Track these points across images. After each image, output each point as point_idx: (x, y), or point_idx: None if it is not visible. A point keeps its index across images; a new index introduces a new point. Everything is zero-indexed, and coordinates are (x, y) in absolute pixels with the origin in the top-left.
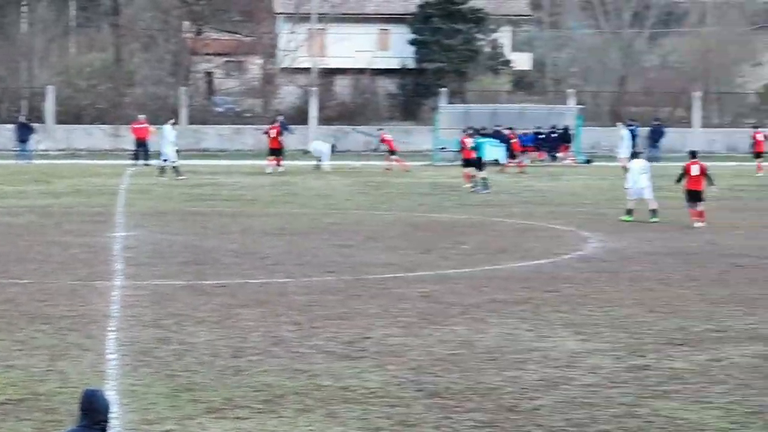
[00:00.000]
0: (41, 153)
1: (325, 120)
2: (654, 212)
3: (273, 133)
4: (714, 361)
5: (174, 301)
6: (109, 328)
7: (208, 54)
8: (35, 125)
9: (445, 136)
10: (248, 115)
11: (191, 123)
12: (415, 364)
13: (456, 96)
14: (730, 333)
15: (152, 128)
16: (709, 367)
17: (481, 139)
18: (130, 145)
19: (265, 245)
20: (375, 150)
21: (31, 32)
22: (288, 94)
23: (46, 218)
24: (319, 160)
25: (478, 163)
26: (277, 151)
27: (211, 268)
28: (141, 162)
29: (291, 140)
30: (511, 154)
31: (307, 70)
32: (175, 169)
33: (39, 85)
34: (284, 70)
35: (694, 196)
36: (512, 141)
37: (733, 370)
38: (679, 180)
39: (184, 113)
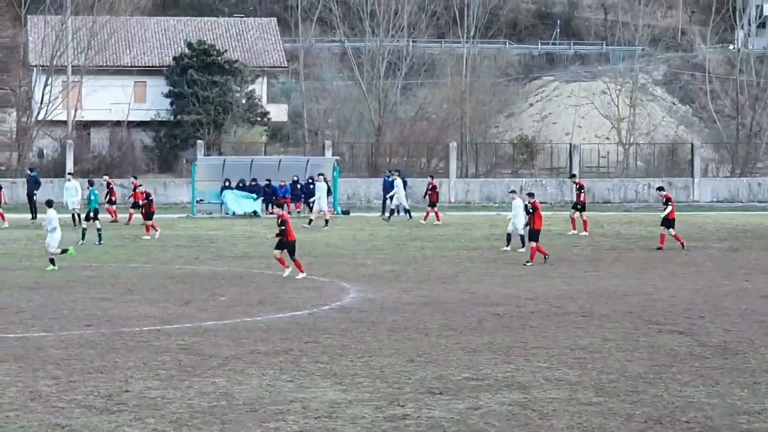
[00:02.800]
0: None
1: (81, 173)
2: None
3: None
4: (473, 409)
5: None
6: None
7: None
8: None
9: (202, 188)
10: (2, 168)
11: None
12: (175, 417)
13: (213, 148)
14: (488, 381)
15: None
16: (468, 415)
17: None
18: None
19: (21, 299)
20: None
21: None
22: (44, 146)
23: None
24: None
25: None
26: None
27: None
28: None
29: (50, 194)
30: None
31: (63, 122)
32: None
33: None
34: (39, 122)
35: None
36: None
37: (492, 418)
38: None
39: None
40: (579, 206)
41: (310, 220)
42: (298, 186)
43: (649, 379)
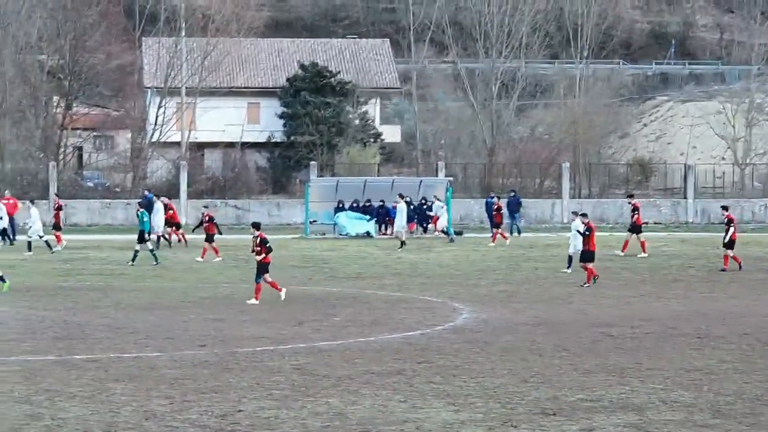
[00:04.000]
0: None
1: (195, 194)
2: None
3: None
4: (587, 430)
5: (45, 376)
6: None
7: (77, 129)
8: None
9: (315, 208)
10: (118, 189)
11: (60, 198)
12: None
13: (326, 169)
14: (603, 402)
15: (20, 204)
16: None
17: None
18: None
19: (136, 320)
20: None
21: None
22: (158, 168)
23: None
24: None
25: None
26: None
27: (82, 342)
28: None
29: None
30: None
31: (177, 143)
32: (47, 244)
33: None
34: (154, 144)
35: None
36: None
37: None
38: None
39: (53, 187)
40: (635, 228)
41: (402, 243)
42: (411, 207)
43: (766, 402)
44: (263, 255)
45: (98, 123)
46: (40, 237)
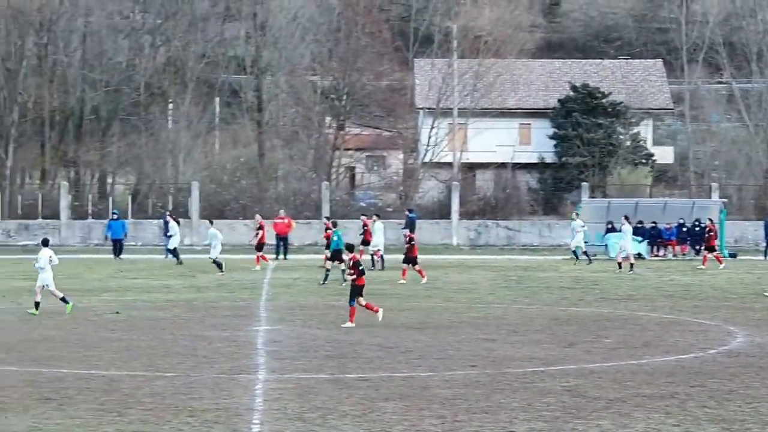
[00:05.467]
0: (186, 248)
1: (467, 214)
2: None
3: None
4: None
5: (317, 394)
6: (254, 422)
7: (349, 149)
8: (181, 220)
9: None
10: (390, 209)
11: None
12: None
13: (597, 190)
14: None
15: (294, 223)
16: None
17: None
18: (271, 239)
19: (407, 339)
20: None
21: (177, 129)
22: (429, 188)
23: (190, 312)
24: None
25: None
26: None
27: (353, 361)
28: (281, 257)
29: (436, 234)
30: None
31: (448, 164)
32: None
33: (184, 181)
34: (425, 164)
35: None
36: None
37: None
38: None
39: (325, 208)
40: (709, 247)
41: (631, 265)
42: (684, 229)
43: None
44: (356, 277)
45: (370, 143)
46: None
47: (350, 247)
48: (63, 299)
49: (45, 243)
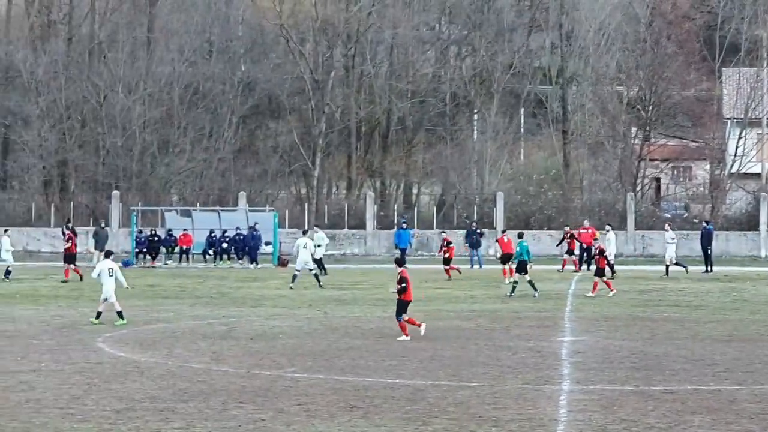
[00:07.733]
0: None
1: None
2: None
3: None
4: None
5: (622, 406)
6: None
7: (654, 159)
8: (485, 231)
9: None
10: (695, 220)
11: (637, 228)
12: None
13: None
14: None
15: (598, 234)
16: None
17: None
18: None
19: (714, 352)
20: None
21: (482, 140)
22: (737, 199)
23: (495, 322)
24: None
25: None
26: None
27: (659, 373)
28: (583, 266)
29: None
30: None
31: (756, 175)
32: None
33: (489, 192)
34: (732, 175)
35: None
36: None
37: None
38: None
39: (630, 219)
40: None
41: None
42: None
43: None
44: (402, 292)
45: (676, 153)
46: (310, 270)
47: (399, 262)
48: (119, 313)
49: (108, 254)
